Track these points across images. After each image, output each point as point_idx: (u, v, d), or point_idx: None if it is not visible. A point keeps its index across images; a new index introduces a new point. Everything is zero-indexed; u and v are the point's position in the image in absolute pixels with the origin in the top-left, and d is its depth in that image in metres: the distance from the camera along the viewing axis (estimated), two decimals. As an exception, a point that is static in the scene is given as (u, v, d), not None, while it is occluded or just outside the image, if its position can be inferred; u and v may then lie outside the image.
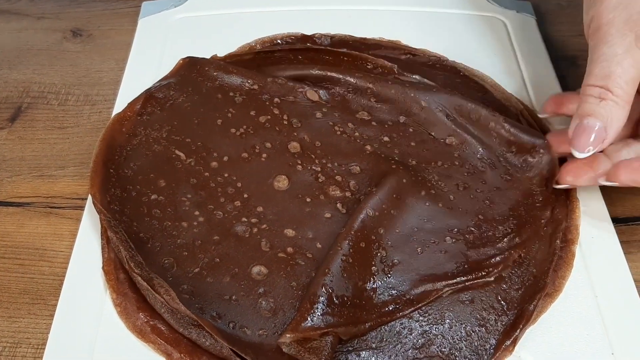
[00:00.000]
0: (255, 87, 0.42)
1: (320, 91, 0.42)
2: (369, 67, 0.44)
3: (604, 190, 0.39)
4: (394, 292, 0.33)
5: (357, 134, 0.40)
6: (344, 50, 0.45)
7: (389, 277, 0.34)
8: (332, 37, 0.48)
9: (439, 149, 0.40)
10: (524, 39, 0.49)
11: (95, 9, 0.54)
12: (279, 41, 0.47)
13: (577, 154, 0.35)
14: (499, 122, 0.40)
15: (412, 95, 0.41)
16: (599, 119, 0.34)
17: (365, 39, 0.48)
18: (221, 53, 0.46)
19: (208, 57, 0.45)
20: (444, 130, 0.40)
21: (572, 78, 0.47)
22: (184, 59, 0.44)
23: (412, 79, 0.43)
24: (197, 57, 0.44)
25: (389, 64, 0.44)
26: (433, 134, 0.40)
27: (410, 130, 0.41)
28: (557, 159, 0.38)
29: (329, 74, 0.43)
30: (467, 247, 0.35)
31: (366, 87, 0.42)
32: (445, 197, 0.37)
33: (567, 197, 0.38)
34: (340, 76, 0.42)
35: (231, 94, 0.42)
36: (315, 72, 0.43)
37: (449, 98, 0.41)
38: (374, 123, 0.41)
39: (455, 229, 0.36)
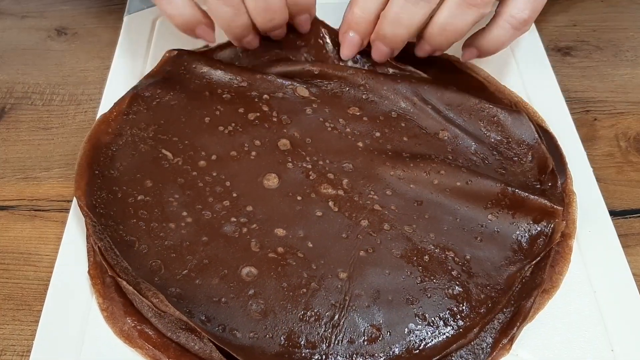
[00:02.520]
0: (244, 84, 0.41)
1: (311, 87, 0.41)
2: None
3: (601, 183, 0.38)
4: None
5: (348, 129, 0.39)
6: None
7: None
8: (322, 31, 0.47)
9: (432, 143, 0.39)
10: (517, 30, 0.48)
11: (80, 7, 0.53)
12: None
13: None
14: (490, 115, 0.39)
15: (404, 90, 0.40)
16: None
17: (356, 32, 0.47)
18: (208, 49, 0.45)
19: (195, 53, 0.44)
20: (436, 124, 0.39)
21: (567, 69, 0.47)
22: (169, 51, 0.43)
23: (406, 70, 0.42)
24: (184, 50, 0.43)
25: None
26: (425, 128, 0.39)
27: (402, 124, 0.40)
28: (548, 151, 0.37)
29: (319, 69, 0.42)
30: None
31: (357, 83, 0.41)
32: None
33: (564, 190, 0.37)
34: (331, 71, 0.42)
35: (219, 91, 0.41)
36: (306, 67, 0.42)
37: (440, 92, 0.40)
38: (365, 118, 0.40)
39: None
